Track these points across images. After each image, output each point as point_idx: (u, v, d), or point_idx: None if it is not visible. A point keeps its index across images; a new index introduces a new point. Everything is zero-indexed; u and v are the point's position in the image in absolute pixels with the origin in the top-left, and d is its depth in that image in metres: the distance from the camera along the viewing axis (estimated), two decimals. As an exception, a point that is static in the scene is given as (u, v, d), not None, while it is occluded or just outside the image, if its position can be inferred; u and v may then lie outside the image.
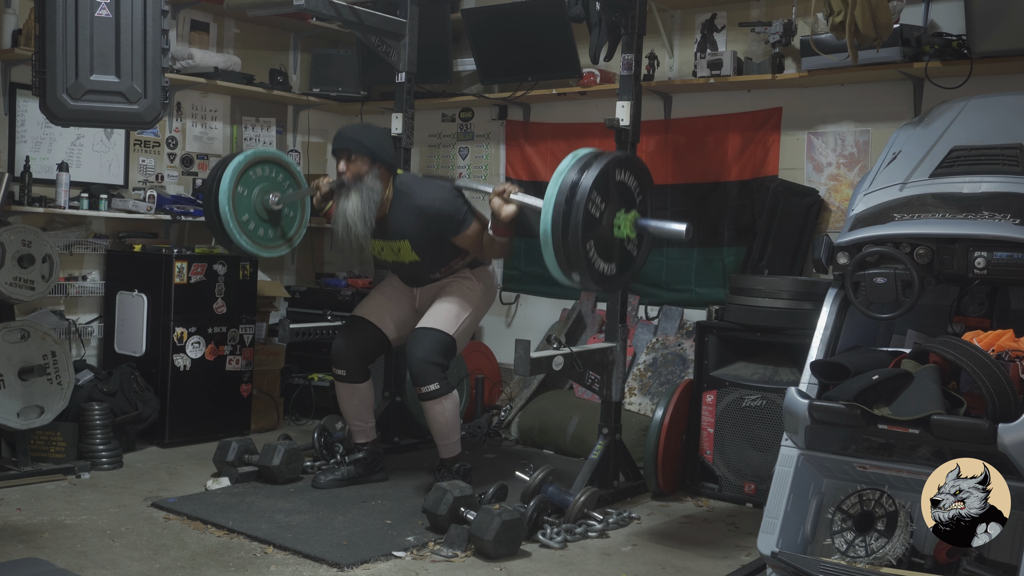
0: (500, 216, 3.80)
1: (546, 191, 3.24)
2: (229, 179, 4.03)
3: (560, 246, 3.20)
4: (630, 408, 4.81)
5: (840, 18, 3.68)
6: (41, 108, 3.20)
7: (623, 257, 3.46)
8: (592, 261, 3.29)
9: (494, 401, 5.51)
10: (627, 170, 3.44)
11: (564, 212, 3.18)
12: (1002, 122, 3.36)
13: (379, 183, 4.00)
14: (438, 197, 4.02)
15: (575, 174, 3.23)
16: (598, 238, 3.30)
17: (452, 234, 4.04)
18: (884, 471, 2.95)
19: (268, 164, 4.23)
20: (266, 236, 4.23)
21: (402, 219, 4.06)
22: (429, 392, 3.98)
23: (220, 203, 4.02)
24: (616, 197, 3.37)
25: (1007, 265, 2.93)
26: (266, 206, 4.18)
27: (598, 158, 3.30)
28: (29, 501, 3.90)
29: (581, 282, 3.34)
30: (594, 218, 3.26)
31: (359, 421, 4.30)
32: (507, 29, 5.30)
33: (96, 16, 3.17)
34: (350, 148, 3.99)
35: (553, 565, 3.44)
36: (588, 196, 3.19)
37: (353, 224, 3.94)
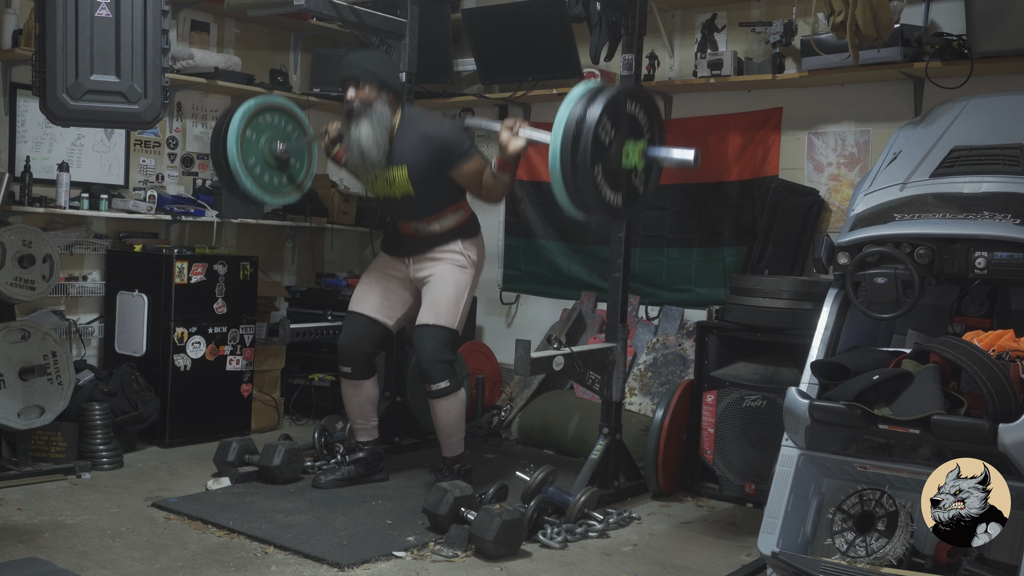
0: (508, 150, 3.75)
1: (556, 116, 3.23)
2: (239, 121, 4.00)
3: (568, 169, 3.17)
4: (630, 408, 4.81)
5: (841, 18, 3.68)
6: (41, 108, 3.20)
7: (629, 191, 3.43)
8: (599, 187, 3.26)
9: (494, 401, 5.51)
10: (638, 103, 3.40)
11: (574, 135, 3.16)
12: (1003, 122, 3.36)
13: (388, 109, 3.99)
14: (444, 125, 4.03)
15: (586, 100, 3.22)
16: (606, 165, 3.27)
17: (452, 166, 3.98)
18: (884, 471, 2.95)
19: (277, 112, 4.21)
20: (272, 183, 4.19)
21: (405, 145, 4.01)
22: (439, 390, 3.99)
23: (228, 144, 3.98)
24: (626, 128, 3.35)
25: (1007, 265, 2.93)
26: (274, 154, 4.16)
27: (609, 87, 3.30)
28: (30, 501, 3.90)
29: (587, 208, 3.29)
30: (603, 144, 3.23)
31: (362, 419, 4.30)
32: (507, 29, 5.30)
33: (96, 16, 3.17)
34: (358, 76, 3.96)
35: (553, 565, 3.44)
36: (599, 120, 3.17)
37: (368, 150, 3.92)
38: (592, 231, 5.38)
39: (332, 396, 5.51)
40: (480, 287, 5.75)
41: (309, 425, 5.46)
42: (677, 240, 5.10)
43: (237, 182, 4.03)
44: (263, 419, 5.33)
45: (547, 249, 5.63)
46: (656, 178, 3.57)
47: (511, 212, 5.77)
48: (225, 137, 3.99)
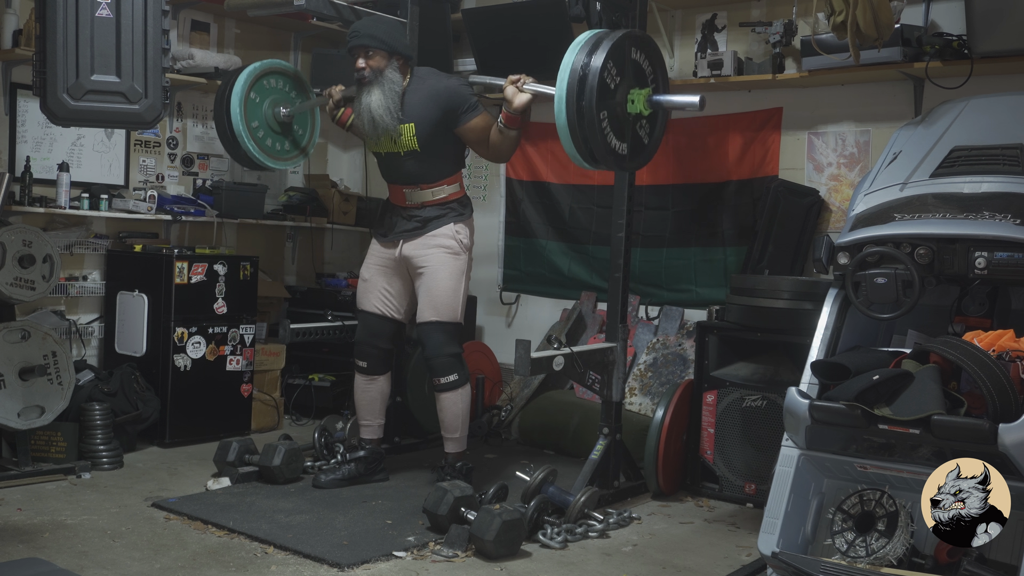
0: (514, 104, 3.81)
1: (561, 62, 3.23)
2: (243, 83, 4.01)
3: (574, 115, 3.17)
4: (631, 408, 4.81)
5: (841, 18, 3.68)
6: (42, 108, 3.20)
7: (635, 140, 3.44)
8: (605, 134, 3.26)
9: (495, 401, 5.51)
10: (642, 51, 3.41)
11: (580, 79, 3.16)
12: (1003, 122, 3.36)
13: (398, 75, 4.02)
14: (451, 81, 4.07)
15: (590, 46, 3.22)
16: (612, 112, 3.27)
17: (459, 122, 4.02)
18: (885, 471, 2.95)
19: (281, 76, 4.23)
20: (275, 147, 4.21)
21: (413, 101, 4.04)
22: (448, 383, 4.05)
23: (232, 106, 4.01)
24: (631, 74, 3.36)
25: (1008, 265, 2.93)
26: (277, 118, 4.17)
27: (612, 33, 3.30)
28: (30, 501, 3.90)
29: (592, 155, 3.29)
30: (609, 88, 3.24)
31: (370, 416, 4.31)
32: (508, 29, 5.29)
33: (97, 16, 3.17)
34: (367, 44, 3.97)
35: (554, 565, 3.44)
36: (604, 64, 3.18)
37: (380, 118, 3.95)
38: (593, 231, 5.38)
39: (332, 396, 5.52)
40: (480, 287, 5.77)
41: (309, 425, 5.46)
42: (677, 240, 5.10)
43: (240, 145, 4.07)
44: (263, 419, 5.34)
45: (547, 249, 5.63)
46: (662, 127, 3.58)
47: (511, 212, 5.77)
48: (229, 99, 4.02)
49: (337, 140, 6.49)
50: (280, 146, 4.25)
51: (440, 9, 5.49)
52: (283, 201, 5.95)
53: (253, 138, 4.10)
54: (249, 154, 4.12)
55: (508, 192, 5.78)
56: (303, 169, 6.24)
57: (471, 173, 5.96)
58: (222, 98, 4.08)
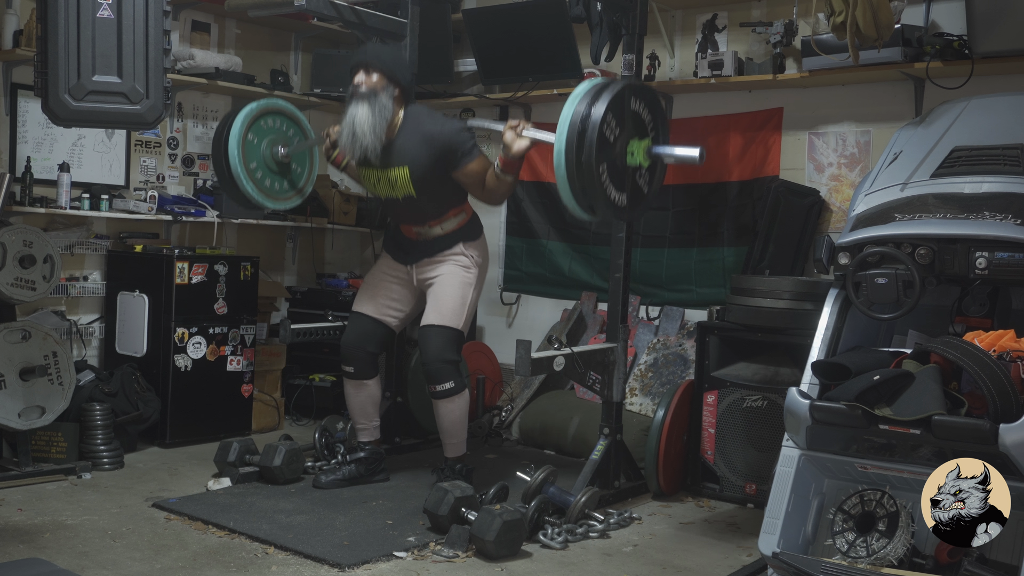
0: (512, 150, 3.76)
1: (560, 114, 3.23)
2: (240, 124, 3.99)
3: (573, 168, 3.16)
4: (631, 408, 4.81)
5: (841, 18, 3.68)
6: (43, 109, 3.20)
7: (634, 190, 3.43)
8: (604, 186, 3.25)
9: (495, 401, 5.51)
10: (642, 100, 3.40)
11: (579, 132, 3.15)
12: (1003, 122, 3.36)
13: (391, 103, 3.96)
14: (447, 125, 3.99)
15: (590, 98, 3.21)
16: (611, 164, 3.26)
17: (455, 166, 3.96)
18: (885, 471, 2.95)
19: (278, 116, 4.21)
20: (273, 187, 4.18)
21: (407, 144, 3.99)
22: (444, 390, 4.00)
23: (230, 148, 3.98)
24: (630, 125, 3.35)
25: (1008, 265, 2.93)
26: (275, 158, 4.14)
27: (612, 84, 3.29)
28: (30, 501, 3.90)
29: (592, 208, 3.29)
30: (608, 141, 3.23)
31: (364, 419, 4.31)
32: (508, 29, 5.30)
33: (98, 17, 3.17)
34: (370, 62, 3.96)
35: (554, 565, 3.44)
36: (603, 118, 3.17)
37: (361, 134, 3.87)
38: (593, 231, 5.38)
39: (333, 396, 5.52)
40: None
41: (310, 425, 5.46)
42: (678, 240, 5.10)
43: (239, 186, 4.03)
44: (264, 419, 5.34)
45: (548, 249, 5.63)
46: (661, 177, 3.56)
47: (512, 212, 5.77)
48: (227, 141, 3.99)
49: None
50: (279, 186, 4.22)
51: (440, 9, 5.50)
52: (283, 201, 5.95)
53: (252, 179, 4.06)
54: (248, 196, 4.08)
55: (508, 192, 5.78)
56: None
57: (471, 173, 5.95)
58: (219, 140, 4.04)
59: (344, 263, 6.42)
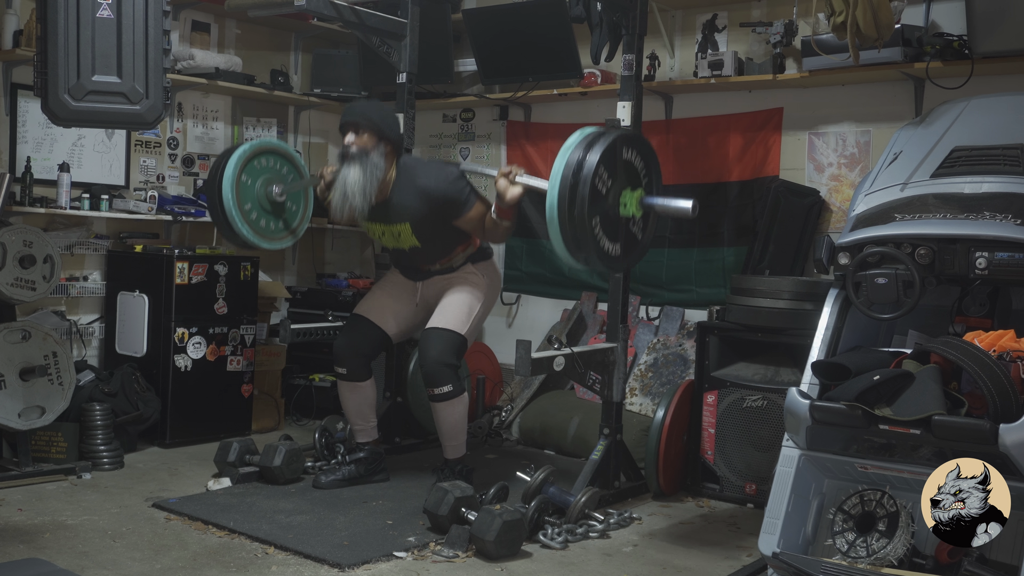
0: (505, 197, 3.77)
1: (553, 167, 3.23)
2: (233, 167, 3.99)
3: (566, 221, 3.17)
4: (631, 408, 4.81)
5: (841, 18, 3.68)
6: (43, 109, 3.20)
7: (628, 239, 3.43)
8: (597, 239, 3.26)
9: (495, 401, 5.51)
10: (634, 149, 3.40)
11: (571, 186, 3.15)
12: (1003, 122, 3.36)
13: (383, 161, 3.97)
14: (441, 178, 3.98)
15: (582, 150, 3.20)
16: (604, 216, 3.26)
17: (454, 216, 4.00)
18: (885, 471, 2.95)
19: (272, 155, 4.21)
20: (268, 227, 4.18)
21: (404, 201, 4.01)
22: (442, 394, 3.98)
23: (224, 191, 3.97)
24: (623, 175, 3.35)
25: (1008, 265, 2.93)
26: (269, 197, 4.14)
27: (605, 135, 3.28)
28: (30, 501, 3.90)
29: (586, 260, 3.30)
30: (600, 194, 3.23)
31: (361, 420, 4.30)
32: (508, 29, 5.30)
33: (98, 17, 3.17)
34: (359, 122, 3.96)
35: (554, 566, 3.44)
36: (595, 171, 3.16)
37: (352, 195, 3.90)
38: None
39: (333, 396, 5.50)
40: (481, 287, 5.75)
41: (310, 425, 5.46)
42: (678, 240, 5.10)
43: (234, 229, 4.03)
44: (264, 419, 5.34)
45: (548, 249, 5.62)
46: (654, 225, 3.56)
47: (512, 212, 5.77)
48: (220, 184, 4.00)
49: (337, 141, 6.47)
50: (274, 226, 4.22)
51: (440, 9, 5.50)
52: (284, 201, 5.95)
53: (247, 221, 4.07)
54: (244, 238, 4.08)
55: (508, 192, 5.78)
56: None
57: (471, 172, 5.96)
58: (213, 182, 4.05)
59: (344, 263, 6.42)
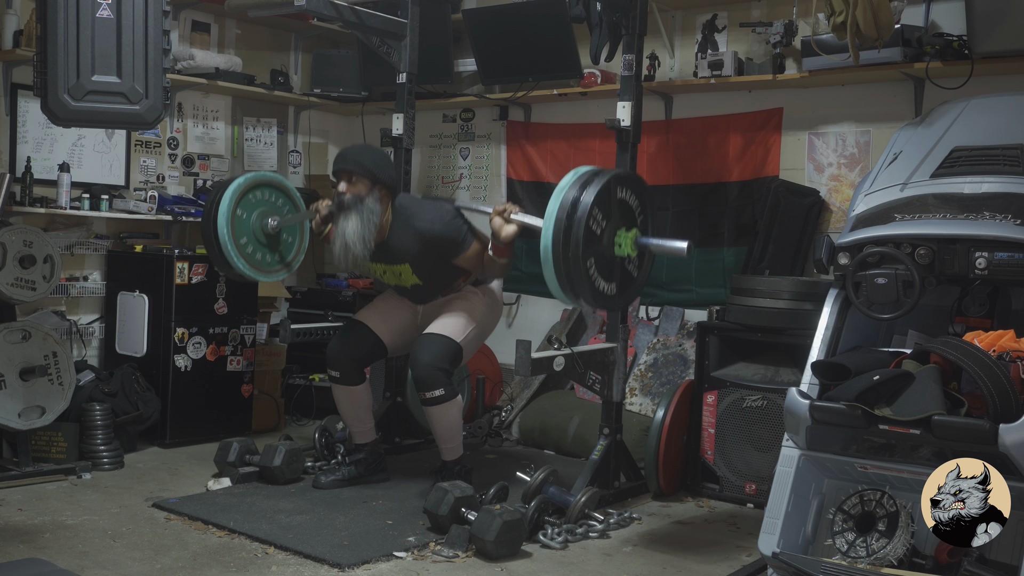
0: (500, 236, 3.79)
1: (547, 208, 3.23)
2: (228, 201, 4.04)
3: (561, 263, 3.18)
4: (631, 408, 4.81)
5: (841, 18, 3.68)
6: (43, 109, 3.20)
7: (623, 277, 3.45)
8: (592, 279, 3.27)
9: (495, 401, 5.51)
10: (628, 188, 3.42)
11: (565, 228, 3.16)
12: (1003, 122, 3.36)
13: (379, 205, 3.98)
14: (437, 219, 3.99)
15: (576, 191, 3.21)
16: (599, 256, 3.28)
17: (452, 255, 4.03)
18: (885, 471, 2.95)
19: (267, 188, 4.26)
20: (264, 260, 4.22)
21: (402, 242, 4.04)
22: (433, 397, 3.96)
23: (219, 225, 4.02)
24: (617, 215, 3.36)
25: (1008, 265, 2.93)
26: (265, 230, 4.19)
27: (599, 175, 3.29)
28: (30, 501, 3.90)
29: (581, 300, 3.32)
30: (595, 235, 3.24)
31: (357, 423, 4.30)
32: (508, 29, 5.30)
33: (97, 17, 3.17)
34: (351, 169, 3.96)
35: (554, 565, 3.44)
36: (589, 212, 3.17)
37: (352, 245, 3.92)
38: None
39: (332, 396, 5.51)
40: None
41: (310, 425, 5.46)
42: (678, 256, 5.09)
43: (230, 264, 4.06)
44: (264, 419, 5.34)
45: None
46: (650, 263, 3.57)
47: (512, 212, 5.77)
48: (215, 219, 4.02)
49: (337, 141, 6.49)
50: (269, 258, 4.25)
51: (440, 9, 5.50)
52: (283, 201, 5.95)
53: (243, 255, 4.10)
54: (240, 272, 4.11)
55: (509, 192, 5.78)
56: (303, 169, 6.25)
57: (471, 173, 5.96)
58: (208, 217, 4.07)
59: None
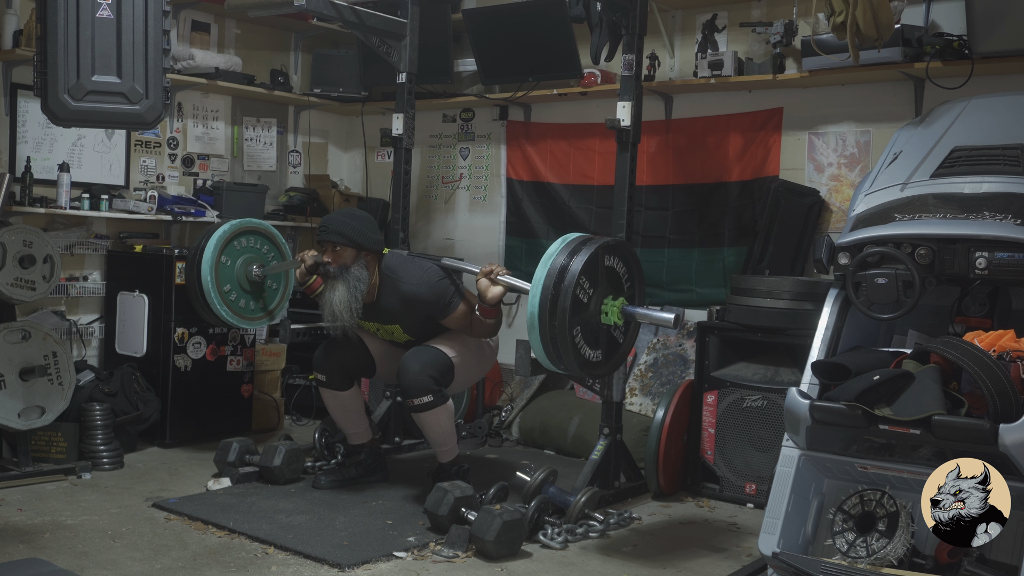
0: (486, 297, 3.79)
1: (534, 275, 3.23)
2: (213, 248, 4.10)
3: (547, 330, 3.18)
4: (631, 408, 4.81)
5: (841, 18, 3.68)
6: (43, 109, 3.20)
7: (609, 343, 3.45)
8: (578, 347, 3.28)
9: (495, 401, 5.51)
10: (616, 256, 3.42)
11: (552, 296, 3.16)
12: (1003, 122, 3.36)
13: (365, 272, 3.98)
14: (423, 282, 3.97)
15: (564, 258, 3.21)
16: (585, 324, 3.28)
17: (440, 317, 4.02)
18: (885, 471, 2.95)
19: (253, 235, 4.32)
20: (247, 307, 4.30)
21: (390, 304, 4.03)
22: (422, 404, 3.90)
23: (203, 272, 4.09)
24: (604, 283, 3.36)
25: (1008, 265, 2.93)
26: (249, 277, 4.24)
27: (588, 243, 3.30)
28: (30, 501, 3.90)
29: (566, 367, 3.31)
30: (582, 303, 3.24)
31: (349, 425, 4.28)
32: (508, 29, 5.30)
33: (97, 17, 3.17)
34: (335, 240, 3.95)
35: (554, 565, 3.44)
36: (576, 280, 3.18)
37: (340, 314, 3.93)
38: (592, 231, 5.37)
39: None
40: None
41: (310, 425, 5.46)
42: (678, 240, 5.10)
43: (213, 310, 4.18)
44: (263, 419, 5.33)
45: (548, 249, 5.62)
46: (636, 330, 3.56)
47: (512, 212, 5.77)
48: (199, 266, 4.11)
49: (337, 141, 6.49)
50: (252, 306, 4.33)
51: (440, 9, 5.50)
52: (283, 201, 5.96)
53: (225, 303, 4.20)
54: (221, 318, 4.21)
55: (509, 192, 5.79)
56: (303, 169, 6.25)
57: (471, 173, 5.96)
58: (193, 260, 4.15)
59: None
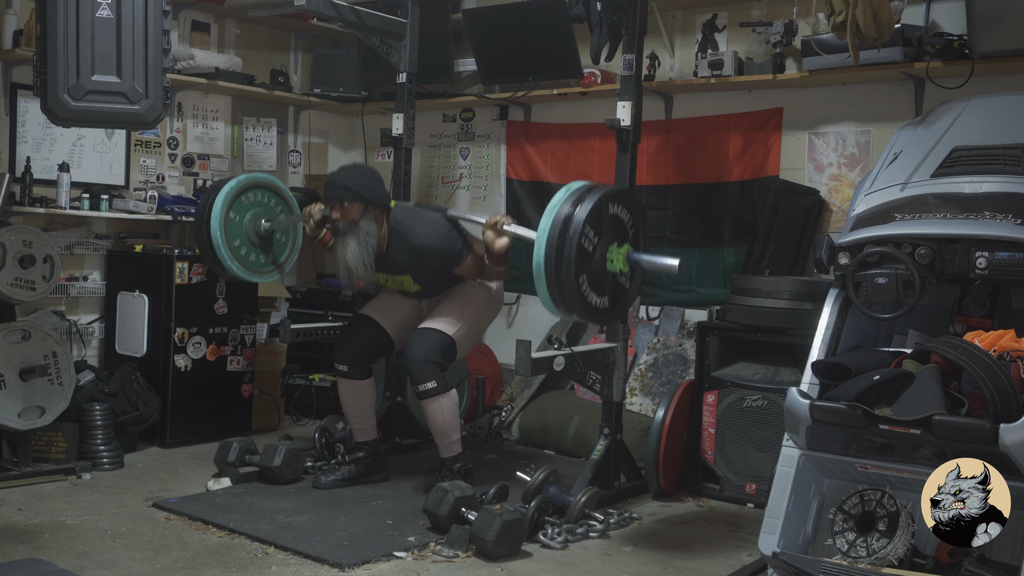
0: (494, 248, 3.83)
1: (539, 224, 3.24)
2: (221, 204, 4.07)
3: (553, 280, 3.20)
4: (631, 408, 4.81)
5: (841, 18, 3.68)
6: (42, 109, 3.20)
7: (616, 290, 3.47)
8: (584, 295, 3.29)
9: (495, 401, 5.51)
10: (620, 203, 3.43)
11: (557, 246, 3.17)
12: (1003, 122, 3.36)
13: (374, 225, 4.02)
14: (432, 233, 4.03)
15: (568, 207, 3.22)
16: (591, 272, 3.30)
17: (450, 266, 4.09)
18: (885, 471, 2.95)
19: (261, 189, 4.29)
20: (257, 261, 4.27)
21: (400, 256, 4.08)
22: (426, 390, 3.98)
23: (212, 228, 4.06)
24: (609, 231, 3.37)
25: (1008, 265, 2.93)
26: (258, 231, 4.22)
27: (591, 191, 3.30)
28: (30, 501, 3.90)
29: (573, 314, 3.33)
30: (587, 252, 3.25)
31: (360, 419, 4.30)
32: (508, 29, 5.30)
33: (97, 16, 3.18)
34: (341, 196, 3.98)
35: (554, 565, 3.44)
36: (581, 230, 3.19)
37: (355, 268, 3.98)
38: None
39: (333, 396, 5.50)
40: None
41: (310, 425, 5.46)
42: (678, 240, 5.10)
43: (224, 266, 4.13)
44: (264, 419, 5.33)
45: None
46: (642, 276, 3.58)
47: (512, 212, 5.76)
48: (209, 221, 4.07)
49: (337, 141, 6.49)
50: (262, 259, 4.31)
51: (440, 9, 5.50)
52: (283, 201, 5.95)
53: (236, 257, 4.16)
54: (232, 273, 4.18)
55: (508, 192, 5.79)
56: (303, 169, 6.25)
57: (471, 173, 5.96)
58: (201, 217, 4.12)
59: (344, 263, 6.40)
